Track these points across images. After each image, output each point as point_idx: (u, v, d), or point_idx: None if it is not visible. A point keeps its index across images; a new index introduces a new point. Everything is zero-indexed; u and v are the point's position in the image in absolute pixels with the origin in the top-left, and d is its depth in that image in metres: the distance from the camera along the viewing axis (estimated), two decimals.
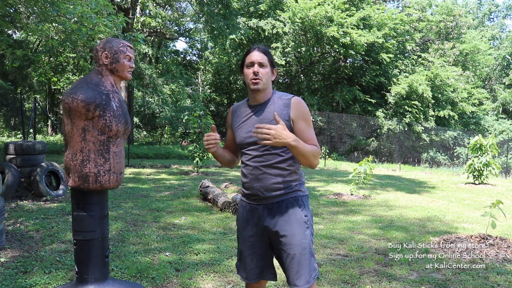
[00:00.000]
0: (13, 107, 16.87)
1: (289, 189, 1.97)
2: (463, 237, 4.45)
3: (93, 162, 2.30)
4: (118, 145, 2.39)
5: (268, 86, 1.98)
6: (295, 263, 1.91)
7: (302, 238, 1.92)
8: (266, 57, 1.96)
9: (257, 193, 1.97)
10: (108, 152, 2.33)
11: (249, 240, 2.02)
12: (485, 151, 10.04)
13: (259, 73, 1.92)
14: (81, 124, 2.26)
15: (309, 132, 1.93)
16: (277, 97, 1.98)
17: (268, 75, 1.96)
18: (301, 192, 2.01)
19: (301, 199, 1.99)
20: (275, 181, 1.94)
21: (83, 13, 6.91)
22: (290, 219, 1.93)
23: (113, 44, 2.39)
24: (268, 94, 1.99)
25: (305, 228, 1.95)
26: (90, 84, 2.32)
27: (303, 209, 1.97)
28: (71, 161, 2.31)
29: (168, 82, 18.57)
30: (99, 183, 2.32)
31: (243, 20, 19.01)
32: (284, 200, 1.96)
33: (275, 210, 1.95)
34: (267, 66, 1.96)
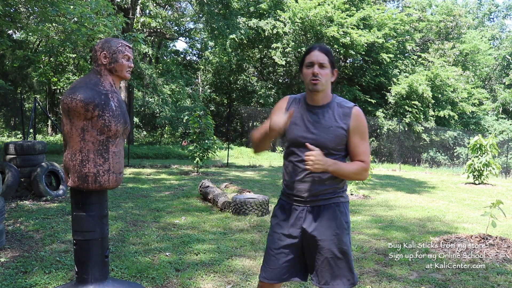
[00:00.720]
0: (13, 107, 16.87)
1: (332, 194, 1.95)
2: (463, 237, 4.45)
3: (92, 162, 2.29)
4: (117, 145, 2.39)
5: (327, 88, 1.93)
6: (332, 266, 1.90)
7: (342, 244, 1.92)
8: (327, 58, 1.90)
9: (300, 195, 1.94)
10: (107, 152, 2.33)
11: (281, 239, 1.97)
12: (485, 151, 10.04)
13: (318, 74, 1.87)
14: (80, 124, 2.26)
15: (362, 146, 1.90)
16: (337, 103, 1.94)
17: (328, 76, 1.90)
18: (343, 199, 2.00)
19: (343, 205, 1.98)
20: (320, 186, 1.92)
21: (83, 13, 6.90)
22: (331, 225, 1.92)
23: (112, 44, 2.39)
24: (327, 97, 1.95)
25: (345, 234, 1.94)
26: (89, 84, 2.31)
27: (344, 215, 1.96)
28: (70, 161, 2.31)
29: (168, 82, 18.57)
30: (98, 183, 2.32)
31: (243, 20, 19.01)
32: (326, 205, 1.94)
33: (315, 213, 1.94)
34: (328, 67, 1.90)
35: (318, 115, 1.92)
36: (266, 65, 24.91)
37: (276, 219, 2.03)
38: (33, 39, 17.31)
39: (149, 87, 17.56)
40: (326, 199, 1.94)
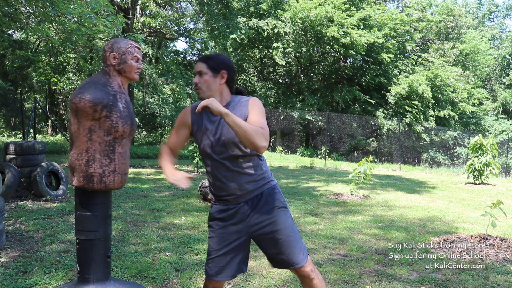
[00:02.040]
0: (13, 107, 16.86)
1: (263, 181, 2.06)
2: (463, 237, 4.45)
3: (98, 162, 2.30)
4: (124, 146, 2.40)
5: (214, 93, 2.00)
6: (286, 245, 2.01)
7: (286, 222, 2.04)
8: (205, 65, 2.00)
9: (234, 193, 2.03)
10: (114, 153, 2.34)
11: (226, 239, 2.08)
12: (485, 151, 10.04)
13: (198, 83, 2.00)
14: (87, 124, 2.27)
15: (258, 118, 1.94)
16: (236, 101, 2.03)
17: (209, 81, 1.99)
18: (273, 181, 2.12)
19: (275, 187, 2.10)
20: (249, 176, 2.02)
21: (83, 13, 6.90)
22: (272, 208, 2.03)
23: (121, 44, 2.38)
24: (224, 99, 2.04)
25: (285, 211, 2.07)
26: (98, 84, 2.32)
27: (279, 195, 2.09)
28: (76, 160, 2.31)
29: (168, 82, 18.57)
30: (103, 183, 2.32)
31: (243, 20, 19.01)
32: (262, 192, 2.05)
33: (255, 203, 2.04)
34: (207, 73, 1.99)
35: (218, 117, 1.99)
36: (266, 65, 24.90)
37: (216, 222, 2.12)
38: (33, 39, 17.32)
39: (149, 87, 17.55)
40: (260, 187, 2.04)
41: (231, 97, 2.07)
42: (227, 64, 2.04)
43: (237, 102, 2.03)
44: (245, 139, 1.84)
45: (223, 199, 2.08)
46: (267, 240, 2.04)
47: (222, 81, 2.02)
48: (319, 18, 19.21)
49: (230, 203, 2.06)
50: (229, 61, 2.08)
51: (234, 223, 2.07)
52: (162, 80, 18.03)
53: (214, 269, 2.09)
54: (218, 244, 2.10)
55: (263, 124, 1.92)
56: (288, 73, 24.64)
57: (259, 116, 1.96)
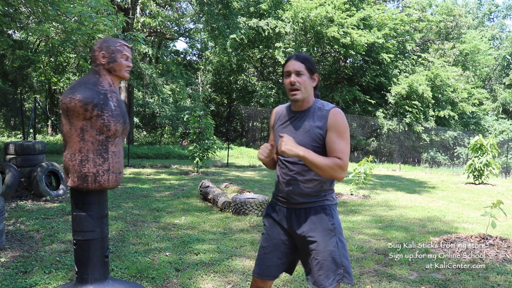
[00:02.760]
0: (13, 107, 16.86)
1: (317, 197, 1.99)
2: (463, 237, 4.45)
3: (92, 162, 2.29)
4: (117, 145, 2.39)
5: (308, 94, 1.98)
6: (319, 268, 1.95)
7: (327, 245, 1.95)
8: (303, 65, 1.94)
9: (286, 197, 2.01)
10: (107, 152, 2.33)
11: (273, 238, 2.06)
12: (485, 151, 10.04)
13: (296, 82, 1.93)
14: (79, 124, 2.26)
15: (339, 144, 1.89)
16: (317, 107, 1.98)
17: (306, 83, 1.95)
18: (329, 201, 2.02)
19: (329, 208, 2.01)
20: (304, 188, 1.97)
21: (83, 12, 6.90)
22: (316, 227, 1.97)
23: (110, 43, 2.38)
24: (308, 102, 2.00)
25: (331, 235, 1.97)
26: (88, 84, 2.31)
27: (330, 217, 1.99)
28: (70, 161, 2.31)
29: (168, 82, 18.57)
30: (98, 183, 2.32)
31: (244, 20, 19.01)
32: (312, 208, 1.99)
33: (302, 216, 1.99)
34: (305, 74, 1.94)
35: (299, 120, 1.99)
36: (266, 65, 24.90)
37: (268, 219, 2.11)
38: (33, 39, 17.31)
39: (149, 87, 17.55)
40: (311, 202, 1.99)
41: (314, 101, 2.02)
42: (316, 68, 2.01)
43: (317, 110, 1.97)
44: (324, 175, 1.87)
45: (278, 198, 2.07)
46: (305, 255, 2.02)
47: (314, 84, 1.99)
48: (319, 18, 19.21)
49: (282, 204, 2.05)
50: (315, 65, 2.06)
51: (282, 224, 2.05)
52: (162, 80, 18.03)
53: (259, 267, 2.09)
54: (266, 241, 2.09)
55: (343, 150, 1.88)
56: None
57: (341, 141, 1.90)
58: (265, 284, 2.11)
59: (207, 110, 12.55)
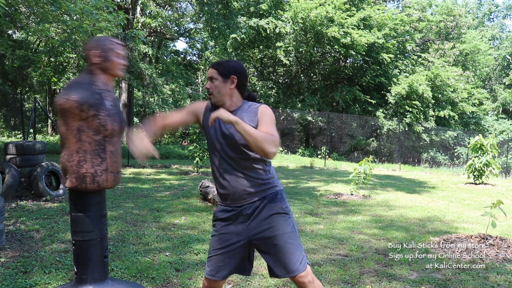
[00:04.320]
0: (13, 107, 16.86)
1: (266, 185, 2.06)
2: (463, 237, 4.45)
3: (89, 162, 2.28)
4: (114, 144, 2.38)
5: (225, 97, 2.05)
6: (283, 252, 2.00)
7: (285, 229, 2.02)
8: (215, 71, 2.05)
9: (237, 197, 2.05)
10: (105, 152, 2.32)
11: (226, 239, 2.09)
12: (485, 151, 10.03)
13: (209, 88, 2.06)
14: (75, 124, 2.25)
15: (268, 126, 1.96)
16: (247, 106, 2.07)
17: (220, 87, 2.04)
18: (277, 187, 2.11)
19: (279, 193, 2.09)
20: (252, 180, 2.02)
21: (85, 9, 6.90)
22: (271, 214, 2.03)
23: (103, 42, 2.37)
24: (235, 103, 2.07)
25: (286, 218, 2.05)
26: (83, 84, 2.30)
27: (282, 202, 2.07)
28: (68, 162, 2.30)
29: (168, 82, 18.56)
30: (96, 183, 2.31)
31: (244, 20, 19.01)
32: (265, 197, 2.05)
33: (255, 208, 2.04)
34: (217, 79, 2.04)
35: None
36: (266, 65, 24.90)
37: (219, 222, 2.13)
38: (33, 39, 17.31)
39: (149, 87, 17.54)
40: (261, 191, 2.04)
41: (242, 102, 2.10)
42: (237, 69, 2.07)
43: (247, 108, 2.06)
44: (255, 146, 1.88)
45: (227, 200, 2.09)
46: (265, 245, 2.05)
47: (232, 86, 2.05)
48: (319, 18, 19.22)
49: (233, 204, 2.07)
50: (240, 66, 2.09)
51: (235, 224, 2.07)
52: (162, 80, 18.02)
53: (212, 268, 2.11)
54: (218, 243, 2.11)
55: (273, 132, 1.95)
56: (288, 73, 24.63)
57: (269, 124, 1.98)
58: (217, 284, 2.14)
59: None
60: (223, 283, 2.17)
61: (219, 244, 2.10)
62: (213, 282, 2.13)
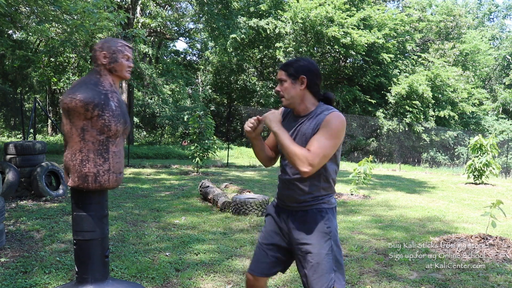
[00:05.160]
0: (13, 107, 16.87)
1: (315, 200, 1.98)
2: (463, 237, 4.45)
3: (92, 162, 2.29)
4: (118, 145, 2.38)
5: (296, 99, 1.98)
6: (313, 271, 1.94)
7: (321, 249, 1.94)
8: (284, 72, 1.97)
9: (284, 199, 2.04)
10: (108, 152, 2.33)
11: (271, 236, 2.08)
12: (485, 151, 10.04)
13: (279, 91, 1.99)
14: (80, 124, 2.26)
15: (318, 140, 1.87)
16: (319, 111, 1.96)
17: (289, 88, 1.97)
18: (326, 204, 2.01)
19: (326, 211, 2.00)
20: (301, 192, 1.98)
21: (86, 8, 6.90)
22: (312, 230, 1.97)
23: (111, 43, 2.38)
24: (308, 107, 1.99)
25: (326, 239, 1.96)
26: (89, 84, 2.31)
27: (326, 221, 1.98)
28: (71, 161, 2.31)
29: (168, 82, 18.57)
30: (98, 183, 2.31)
31: (244, 20, 19.02)
32: (308, 210, 1.99)
33: (298, 218, 2.00)
34: (286, 81, 1.97)
35: (300, 124, 2.00)
36: (266, 65, 24.90)
37: (268, 217, 2.14)
38: (33, 39, 17.31)
39: (149, 87, 17.55)
40: (308, 206, 1.99)
41: (318, 104, 2.00)
42: (306, 68, 1.97)
43: (318, 114, 1.95)
44: (289, 160, 1.87)
45: (278, 199, 2.10)
46: (300, 258, 2.01)
47: (302, 86, 1.96)
48: (319, 18, 19.22)
49: (281, 205, 2.08)
50: (310, 65, 1.98)
51: (279, 225, 2.07)
52: (162, 80, 18.03)
53: (253, 264, 2.11)
54: (264, 239, 2.11)
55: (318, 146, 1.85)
56: None
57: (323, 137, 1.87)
58: (258, 282, 2.12)
59: (207, 110, 12.55)
60: (265, 281, 2.14)
61: (264, 239, 2.10)
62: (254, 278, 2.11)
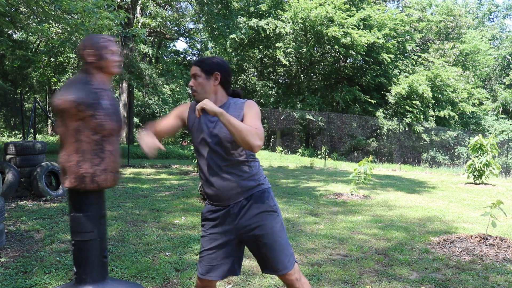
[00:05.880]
0: (13, 107, 16.87)
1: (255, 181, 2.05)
2: (463, 237, 4.45)
3: (88, 162, 2.28)
4: (113, 144, 2.37)
5: (209, 94, 2.03)
6: (272, 250, 2.01)
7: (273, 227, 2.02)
8: (198, 68, 2.04)
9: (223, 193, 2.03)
10: (103, 151, 2.31)
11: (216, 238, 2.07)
12: (485, 151, 10.04)
13: (193, 86, 2.05)
14: (73, 124, 2.24)
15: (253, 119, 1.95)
16: (232, 102, 2.06)
17: (203, 84, 2.02)
18: (265, 185, 2.09)
19: (267, 191, 2.08)
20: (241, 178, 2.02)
21: (87, 7, 6.90)
22: (258, 212, 2.02)
23: (95, 40, 2.35)
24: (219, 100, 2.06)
25: (275, 216, 2.05)
26: (79, 84, 2.30)
27: (270, 200, 2.06)
28: (67, 162, 2.29)
29: (168, 82, 18.57)
30: (95, 183, 2.30)
31: (244, 20, 19.02)
32: (251, 195, 2.03)
33: (245, 206, 2.03)
34: (201, 76, 2.03)
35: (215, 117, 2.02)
36: (266, 65, 24.91)
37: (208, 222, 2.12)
38: (33, 39, 17.33)
39: (149, 87, 17.56)
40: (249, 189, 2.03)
41: (228, 98, 2.09)
42: (220, 65, 2.06)
43: (233, 104, 2.05)
44: (240, 138, 1.86)
45: (214, 199, 2.08)
46: (254, 243, 2.05)
47: (216, 82, 2.04)
48: (319, 18, 19.23)
49: (220, 203, 2.06)
50: (223, 62, 2.09)
51: (223, 224, 2.07)
52: (162, 80, 18.04)
53: (204, 268, 2.09)
54: (208, 243, 2.10)
55: (258, 125, 1.94)
56: (288, 73, 24.64)
57: (254, 118, 1.97)
58: (210, 284, 2.13)
59: None
60: (215, 283, 2.16)
61: (209, 244, 2.09)
62: (206, 281, 2.12)
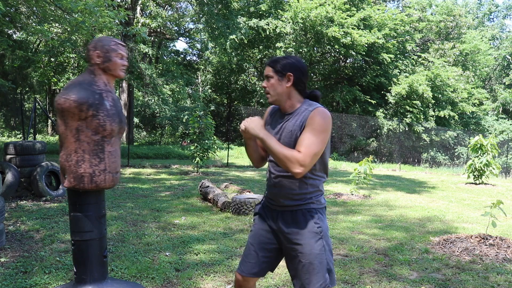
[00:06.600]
0: (13, 107, 16.85)
1: (303, 200, 1.98)
2: (463, 237, 4.44)
3: (88, 162, 2.28)
4: (113, 145, 2.37)
5: (282, 96, 1.97)
6: (305, 271, 1.94)
7: (313, 249, 1.94)
8: (271, 68, 1.97)
9: (273, 198, 2.02)
10: (103, 152, 2.32)
11: (262, 235, 2.06)
12: (485, 151, 10.04)
13: (266, 87, 1.99)
14: (74, 124, 2.25)
15: (307, 138, 1.86)
16: (304, 108, 1.96)
17: (275, 85, 1.96)
18: (315, 205, 2.00)
19: (315, 211, 2.00)
20: (289, 190, 1.96)
21: (87, 5, 6.90)
22: (302, 229, 1.95)
23: (105, 42, 2.37)
24: (294, 104, 1.99)
25: (317, 238, 1.96)
26: (83, 84, 2.30)
27: (316, 220, 1.97)
28: (66, 161, 2.30)
29: (168, 82, 18.57)
30: (94, 183, 2.30)
31: (244, 20, 19.01)
32: (298, 210, 1.98)
33: (288, 218, 1.99)
34: (273, 77, 1.96)
35: (286, 121, 1.98)
36: None
37: (258, 217, 2.12)
38: (33, 39, 17.31)
39: (149, 87, 17.55)
40: (296, 205, 1.98)
41: (302, 102, 1.99)
42: (293, 65, 1.96)
43: (304, 110, 1.95)
44: (280, 164, 1.87)
45: (267, 198, 2.08)
46: (290, 257, 2.01)
47: (288, 83, 1.96)
48: (319, 18, 19.22)
49: (270, 205, 2.06)
50: (298, 62, 1.98)
51: (269, 224, 2.06)
52: (162, 80, 18.03)
53: (242, 264, 2.09)
54: (253, 238, 2.09)
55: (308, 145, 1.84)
56: None
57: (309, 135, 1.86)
58: (247, 282, 2.10)
59: (207, 110, 12.55)
60: (254, 281, 2.13)
61: (254, 239, 2.09)
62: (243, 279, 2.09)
